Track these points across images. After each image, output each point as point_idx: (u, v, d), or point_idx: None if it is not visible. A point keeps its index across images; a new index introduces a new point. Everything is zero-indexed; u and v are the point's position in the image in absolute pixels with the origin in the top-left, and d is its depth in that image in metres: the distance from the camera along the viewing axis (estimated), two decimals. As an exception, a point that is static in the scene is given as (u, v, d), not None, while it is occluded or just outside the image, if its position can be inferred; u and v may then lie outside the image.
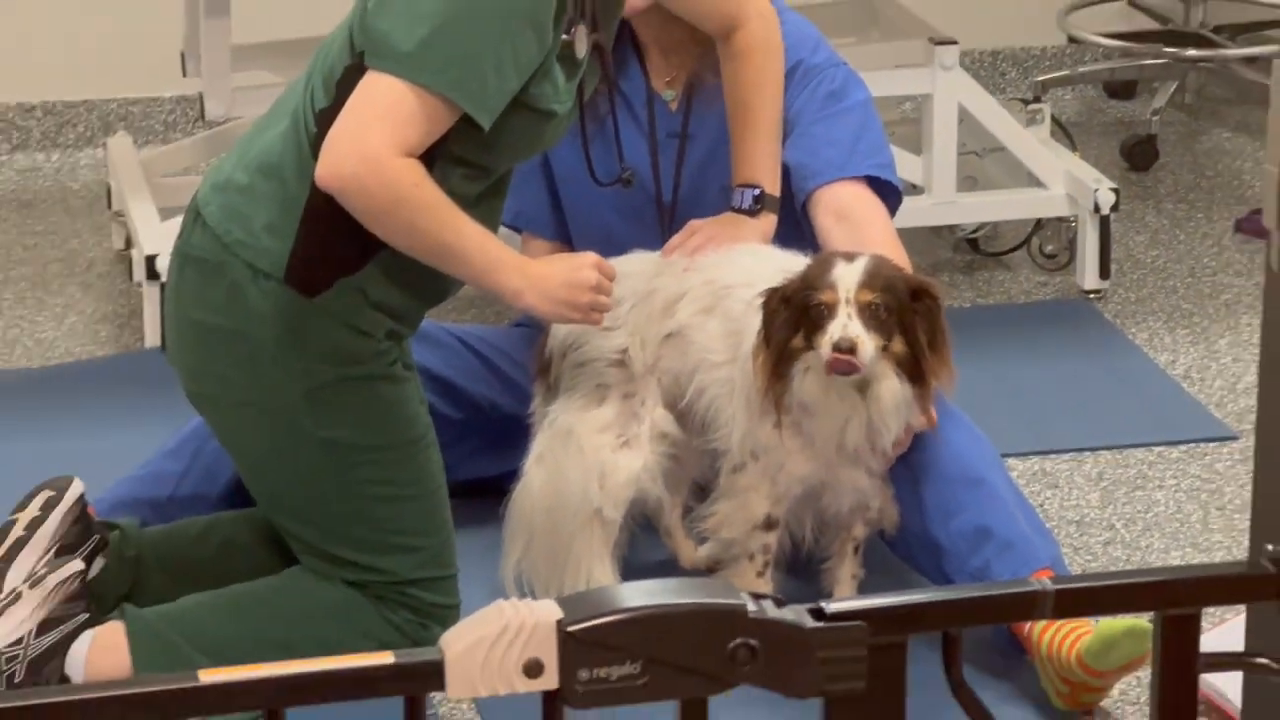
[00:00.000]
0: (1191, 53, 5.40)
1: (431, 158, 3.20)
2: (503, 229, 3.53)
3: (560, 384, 3.56)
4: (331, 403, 3.32)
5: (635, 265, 3.55)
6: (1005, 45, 5.50)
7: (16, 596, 3.27)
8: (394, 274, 3.27)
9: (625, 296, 3.46)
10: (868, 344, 3.16)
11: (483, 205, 3.31)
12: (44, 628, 3.27)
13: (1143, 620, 3.15)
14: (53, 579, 3.32)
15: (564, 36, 3.23)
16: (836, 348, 3.14)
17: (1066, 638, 3.26)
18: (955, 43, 4.76)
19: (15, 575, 3.29)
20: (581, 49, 3.30)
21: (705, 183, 3.86)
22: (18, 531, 3.33)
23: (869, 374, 3.20)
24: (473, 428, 3.80)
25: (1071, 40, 5.49)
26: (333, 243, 3.26)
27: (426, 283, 3.33)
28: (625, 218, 3.85)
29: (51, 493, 3.37)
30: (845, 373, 3.18)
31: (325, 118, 3.21)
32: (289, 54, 3.76)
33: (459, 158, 3.23)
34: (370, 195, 3.15)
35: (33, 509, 3.35)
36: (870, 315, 3.21)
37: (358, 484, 3.36)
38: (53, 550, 3.36)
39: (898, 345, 3.25)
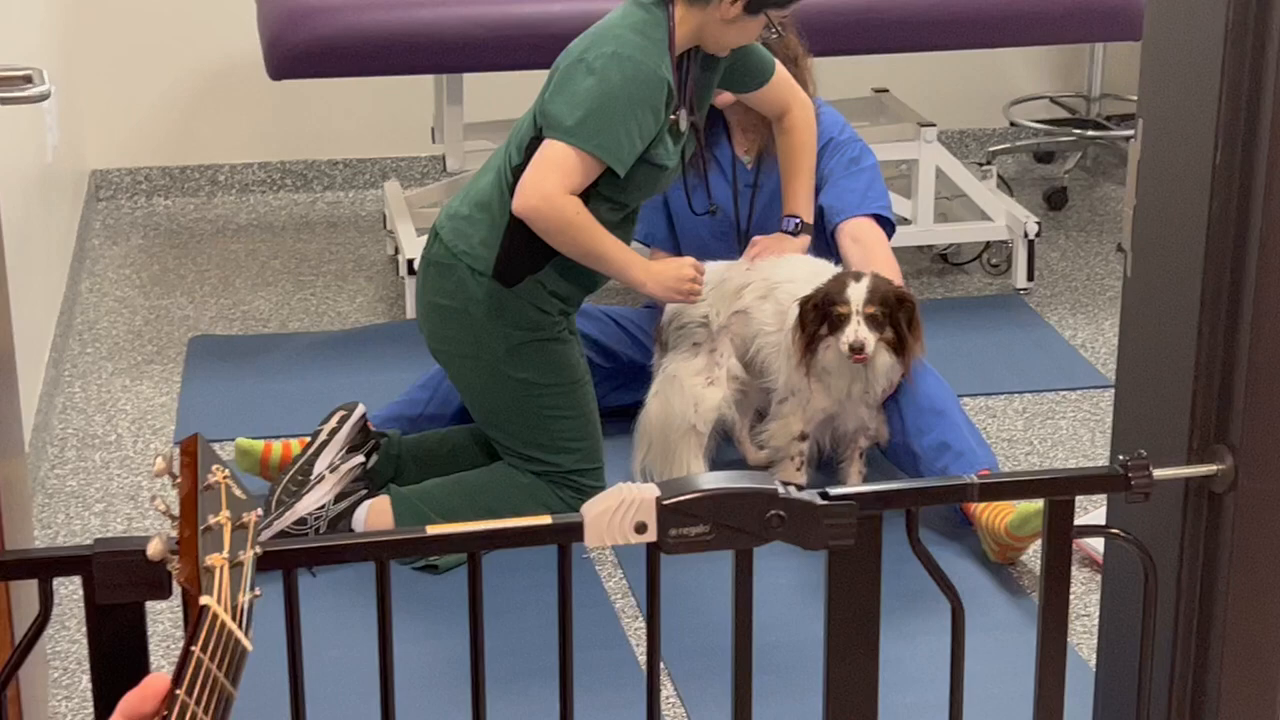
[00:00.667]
0: (1090, 133, 5.35)
1: (587, 196, 3.22)
2: (636, 244, 3.52)
3: (669, 343, 3.60)
4: (522, 355, 3.38)
5: (717, 266, 3.56)
6: (967, 127, 5.43)
7: (321, 478, 3.38)
8: (563, 271, 3.33)
9: (710, 286, 3.46)
10: (870, 341, 3.27)
11: (620, 228, 3.36)
12: (338, 499, 3.36)
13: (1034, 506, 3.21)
14: (344, 467, 3.40)
15: (671, 117, 3.27)
16: (851, 349, 3.25)
17: (997, 514, 3.34)
18: (934, 125, 4.71)
19: (320, 465, 3.40)
20: (683, 125, 3.34)
21: (767, 215, 3.86)
22: (322, 437, 3.43)
23: (871, 355, 3.29)
24: (614, 373, 3.81)
25: (1012, 124, 5.41)
26: (523, 252, 3.32)
27: (584, 277, 3.38)
28: (715, 237, 3.89)
29: (344, 411, 3.49)
30: (858, 362, 3.28)
31: (517, 171, 3.27)
32: (496, 129, 3.79)
33: (604, 196, 3.27)
34: (547, 220, 3.20)
35: (332, 422, 3.46)
36: (871, 321, 3.31)
37: (539, 408, 3.43)
38: (345, 449, 3.44)
39: (888, 335, 3.34)
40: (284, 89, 4.73)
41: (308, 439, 3.46)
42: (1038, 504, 3.18)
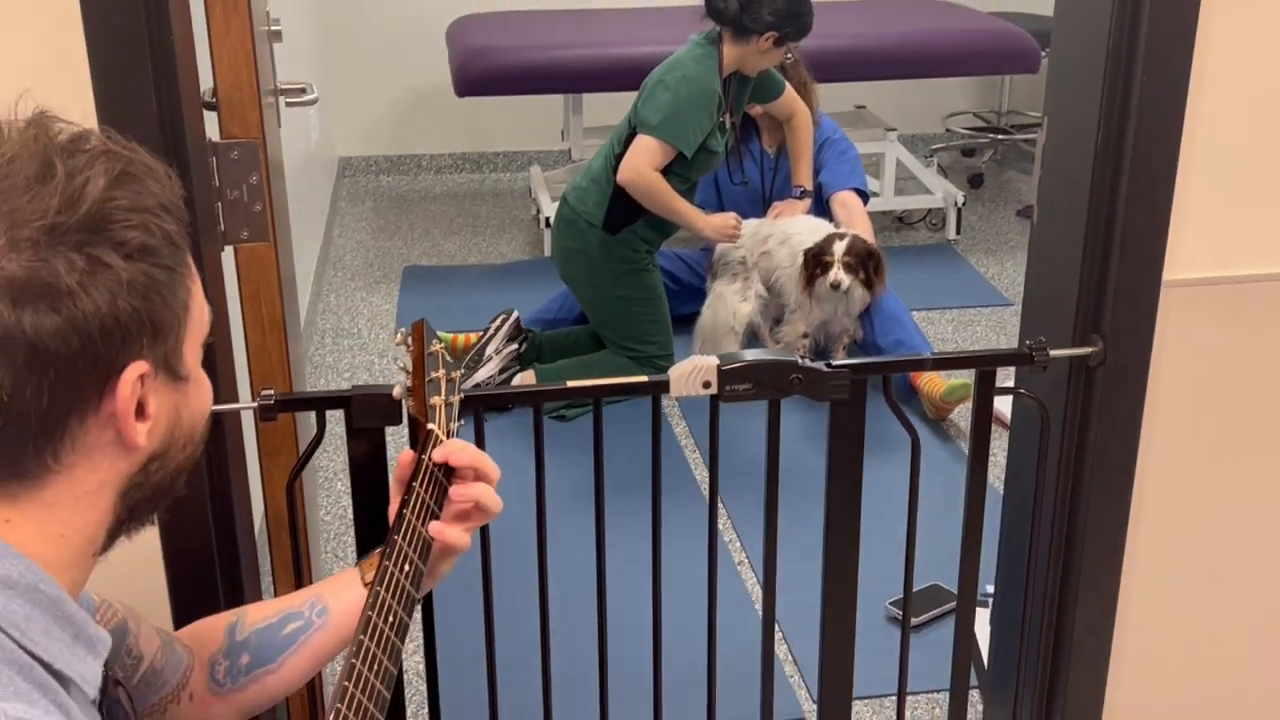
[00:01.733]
0: (999, 136, 5.26)
1: (664, 172, 3.19)
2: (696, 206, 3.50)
3: (717, 273, 3.62)
4: (621, 280, 3.42)
5: (750, 222, 3.56)
6: (918, 132, 5.32)
7: (489, 358, 3.38)
8: (649, 223, 3.34)
9: (745, 235, 3.45)
10: (846, 281, 3.30)
11: (686, 195, 3.32)
12: (501, 372, 3.39)
13: (967, 379, 3.17)
14: (505, 351, 3.43)
15: (719, 119, 3.25)
16: (832, 286, 3.29)
17: (934, 385, 3.37)
18: (896, 129, 4.66)
19: (489, 349, 3.42)
20: (727, 125, 3.31)
21: (783, 188, 3.82)
22: (490, 331, 3.47)
23: (848, 290, 3.28)
24: (680, 293, 3.72)
25: (947, 130, 5.32)
26: (623, 210, 3.31)
27: (663, 227, 3.39)
28: (748, 202, 3.85)
29: (504, 315, 3.54)
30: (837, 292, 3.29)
31: (619, 157, 3.26)
32: (603, 132, 3.75)
33: (675, 172, 3.26)
34: (639, 188, 3.22)
35: (497, 321, 3.52)
36: (848, 267, 3.32)
37: (632, 314, 3.44)
38: (505, 339, 3.45)
39: (860, 276, 3.32)
40: (465, 103, 4.73)
41: (480, 332, 3.45)
42: (962, 379, 3.20)
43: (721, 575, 1.75)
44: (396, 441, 3.04)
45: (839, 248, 3.31)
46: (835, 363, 1.54)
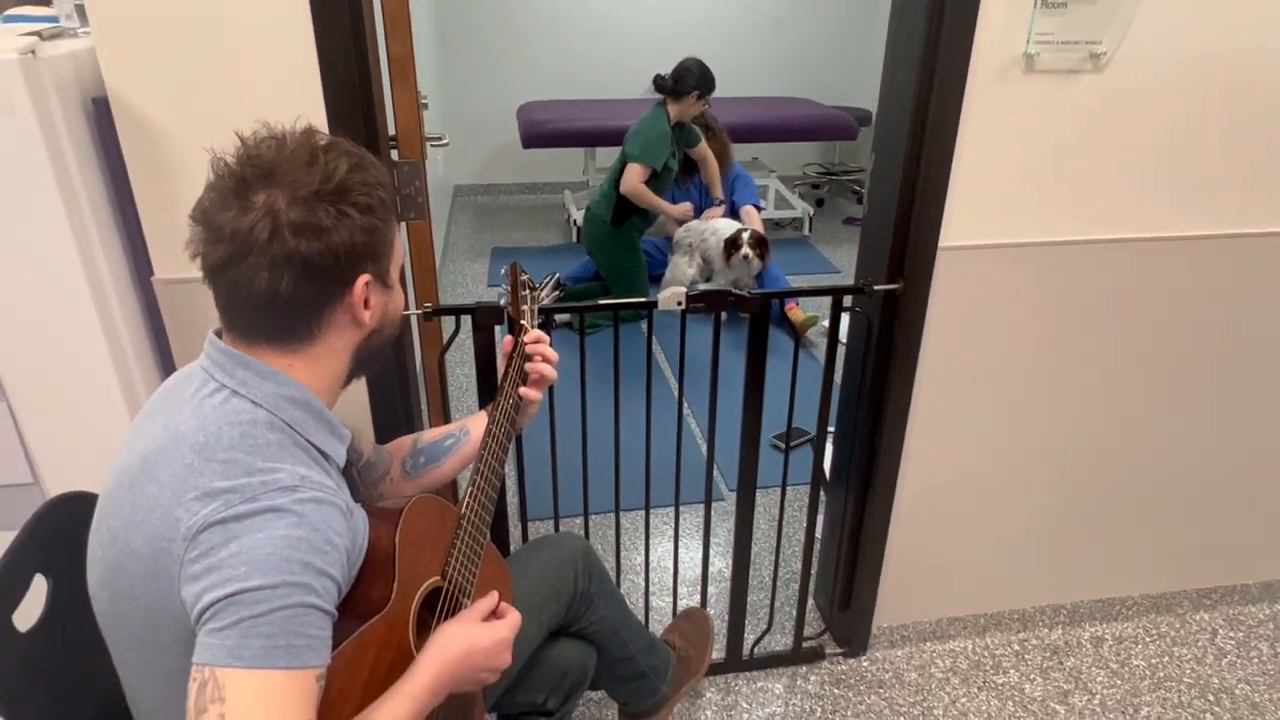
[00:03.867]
0: (832, 177, 5.11)
1: (647, 181, 3.06)
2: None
3: (675, 250, 3.47)
4: (623, 253, 3.25)
5: (694, 222, 3.41)
6: (786, 173, 5.21)
7: (542, 298, 3.29)
8: (641, 215, 3.23)
9: (691, 228, 3.36)
10: (750, 254, 3.14)
11: (661, 194, 3.18)
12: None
13: (816, 313, 3.13)
14: (553, 296, 3.31)
15: (670, 149, 3.12)
16: (744, 257, 3.15)
17: (795, 315, 3.24)
18: (775, 171, 4.60)
19: (543, 296, 3.30)
20: (675, 154, 3.18)
21: (707, 201, 3.68)
22: (544, 284, 3.34)
23: (749, 260, 3.14)
24: (653, 263, 3.62)
25: (804, 172, 5.23)
26: (623, 210, 3.24)
27: (648, 217, 3.28)
28: (695, 210, 3.70)
29: (551, 275, 3.37)
30: (745, 261, 3.15)
31: (616, 175, 3.11)
32: (606, 171, 3.69)
33: (650, 184, 3.11)
34: (632, 193, 3.10)
35: (547, 278, 3.35)
36: (751, 247, 3.18)
37: (628, 273, 3.32)
38: (552, 288, 3.35)
39: (757, 252, 3.19)
40: (528, 152, 4.65)
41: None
42: (813, 314, 3.17)
43: (683, 422, 1.76)
44: (499, 336, 3.04)
45: (745, 236, 3.26)
46: (754, 291, 1.52)
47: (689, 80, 3.18)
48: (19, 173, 1.09)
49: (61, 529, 0.93)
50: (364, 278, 0.85)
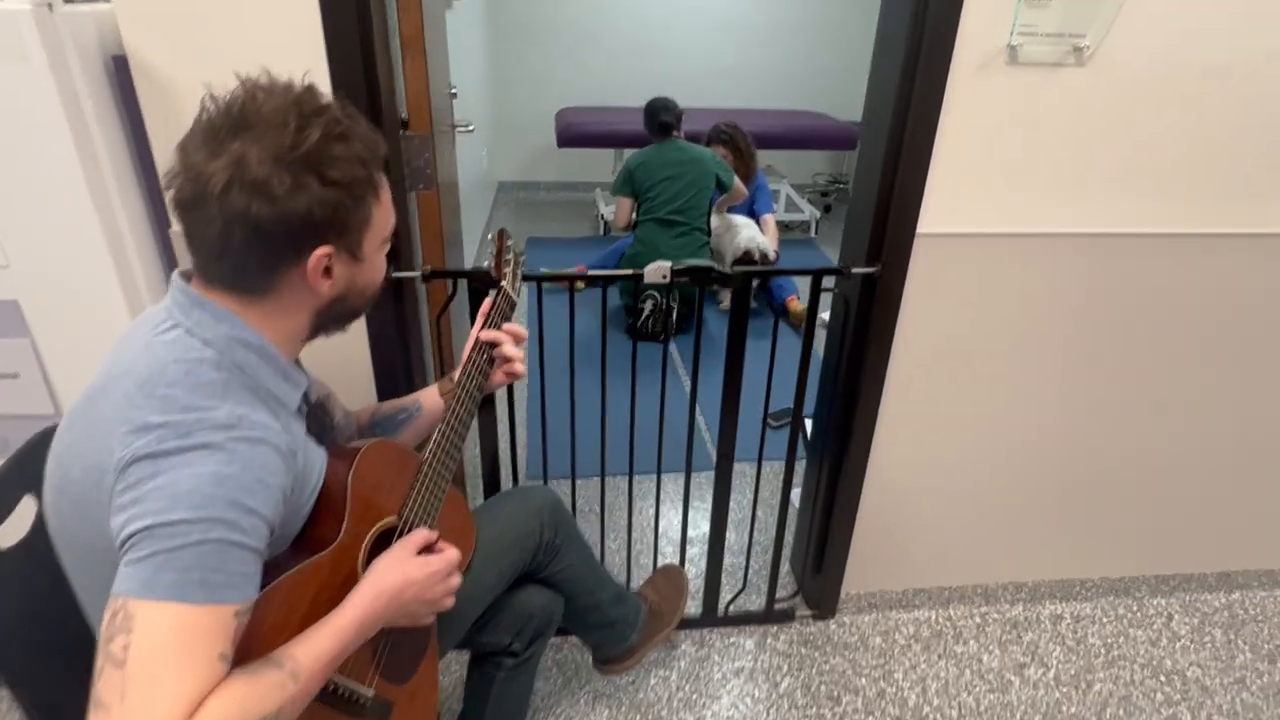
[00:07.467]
0: (839, 185, 4.98)
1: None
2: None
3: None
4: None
5: (715, 219, 3.21)
6: (798, 181, 5.10)
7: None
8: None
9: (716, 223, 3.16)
10: (768, 246, 2.97)
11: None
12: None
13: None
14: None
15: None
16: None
17: (795, 306, 3.09)
18: (785, 177, 4.48)
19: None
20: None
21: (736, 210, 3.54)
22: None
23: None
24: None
25: (814, 180, 5.09)
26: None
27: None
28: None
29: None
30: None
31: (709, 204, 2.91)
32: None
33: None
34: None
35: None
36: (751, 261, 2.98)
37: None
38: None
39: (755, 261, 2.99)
40: (563, 151, 4.57)
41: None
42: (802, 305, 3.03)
43: (670, 392, 1.68)
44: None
45: (757, 260, 3.10)
46: (738, 270, 1.43)
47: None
48: (32, 119, 1.04)
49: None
50: (322, 250, 0.77)
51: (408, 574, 0.80)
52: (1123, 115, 1.33)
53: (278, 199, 0.72)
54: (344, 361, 1.32)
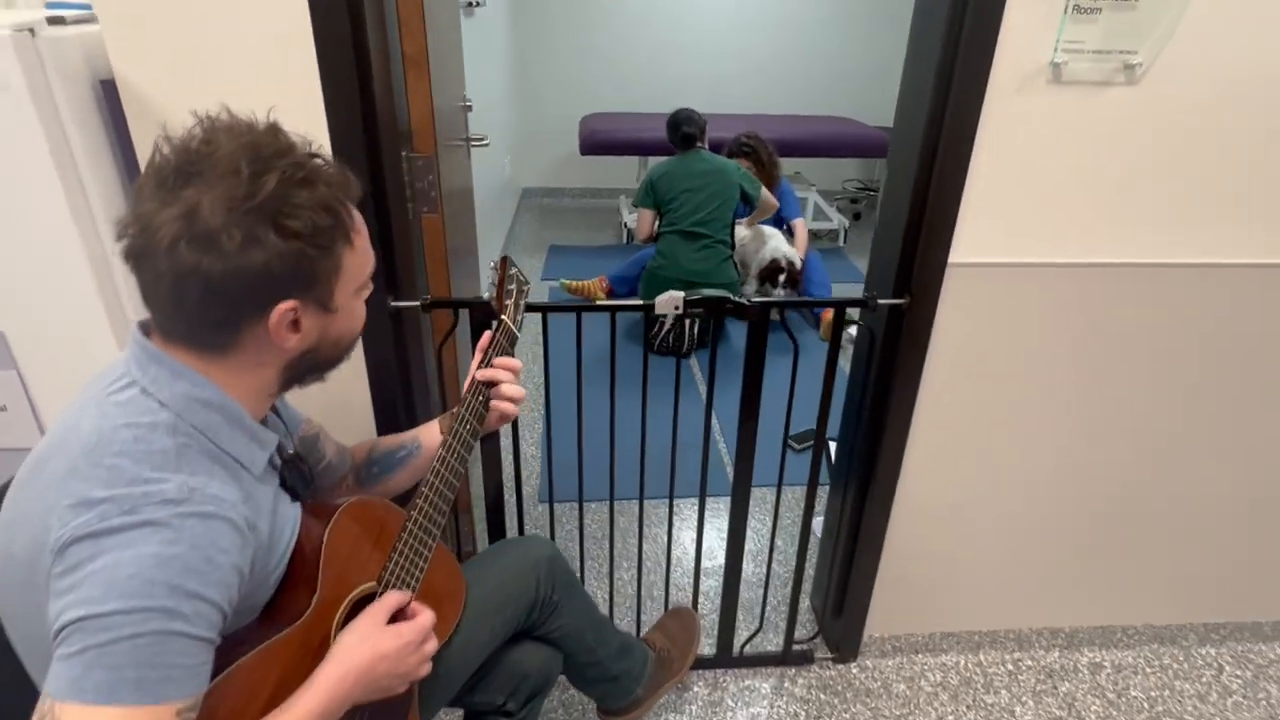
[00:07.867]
0: (869, 192, 4.87)
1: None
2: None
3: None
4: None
5: (743, 228, 3.15)
6: (827, 188, 4.99)
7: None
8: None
9: (744, 234, 3.09)
10: (784, 294, 2.79)
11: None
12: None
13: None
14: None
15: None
16: (773, 285, 2.87)
17: (823, 320, 3.00)
18: (815, 185, 4.37)
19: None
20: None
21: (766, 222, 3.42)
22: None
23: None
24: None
25: (843, 188, 4.98)
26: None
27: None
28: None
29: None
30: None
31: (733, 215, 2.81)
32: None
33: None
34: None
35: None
36: (785, 287, 2.94)
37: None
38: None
39: (784, 278, 2.95)
40: (586, 159, 4.51)
41: (593, 281, 3.17)
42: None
43: (687, 409, 1.61)
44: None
45: (783, 278, 2.99)
46: (756, 300, 1.35)
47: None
48: (13, 149, 1.00)
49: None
50: (286, 305, 0.71)
51: (378, 648, 0.74)
52: (1182, 135, 1.23)
53: (228, 255, 0.66)
54: (342, 392, 1.26)
